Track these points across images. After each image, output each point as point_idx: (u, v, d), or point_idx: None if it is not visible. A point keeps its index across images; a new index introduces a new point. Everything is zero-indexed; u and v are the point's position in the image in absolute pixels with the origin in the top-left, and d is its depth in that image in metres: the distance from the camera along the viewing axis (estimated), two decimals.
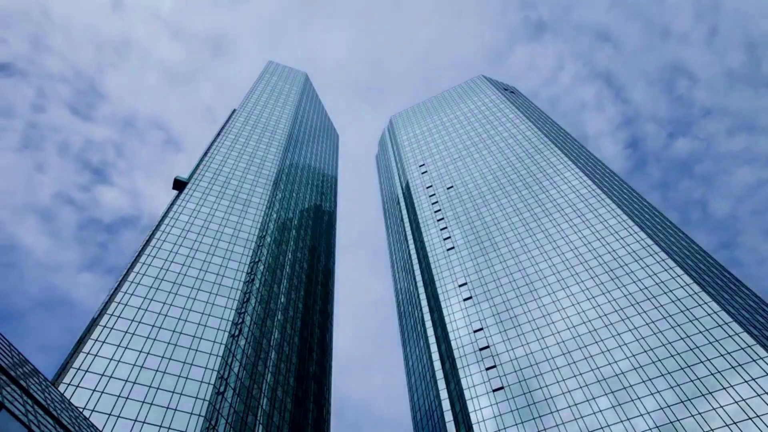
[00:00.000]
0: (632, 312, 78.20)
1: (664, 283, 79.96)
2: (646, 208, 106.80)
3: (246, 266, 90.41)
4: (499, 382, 77.81)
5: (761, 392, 60.58)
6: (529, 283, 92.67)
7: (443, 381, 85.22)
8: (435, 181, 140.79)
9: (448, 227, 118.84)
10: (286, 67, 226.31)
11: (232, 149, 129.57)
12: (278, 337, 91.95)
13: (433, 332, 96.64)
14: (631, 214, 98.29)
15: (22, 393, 27.72)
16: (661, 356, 69.98)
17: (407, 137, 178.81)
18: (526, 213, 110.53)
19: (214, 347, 71.97)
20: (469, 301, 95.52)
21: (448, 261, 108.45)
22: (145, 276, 79.24)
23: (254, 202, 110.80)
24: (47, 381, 36.70)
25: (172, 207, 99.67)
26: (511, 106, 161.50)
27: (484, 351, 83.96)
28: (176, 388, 64.06)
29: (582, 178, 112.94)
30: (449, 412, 79.42)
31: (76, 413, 38.30)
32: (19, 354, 34.66)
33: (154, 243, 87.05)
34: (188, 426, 59.88)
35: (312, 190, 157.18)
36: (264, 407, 75.69)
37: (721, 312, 71.61)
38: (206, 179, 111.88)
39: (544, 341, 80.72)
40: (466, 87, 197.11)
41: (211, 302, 79.48)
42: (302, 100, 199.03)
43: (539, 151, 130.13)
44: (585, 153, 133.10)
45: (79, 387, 59.47)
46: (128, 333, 68.94)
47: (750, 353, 64.98)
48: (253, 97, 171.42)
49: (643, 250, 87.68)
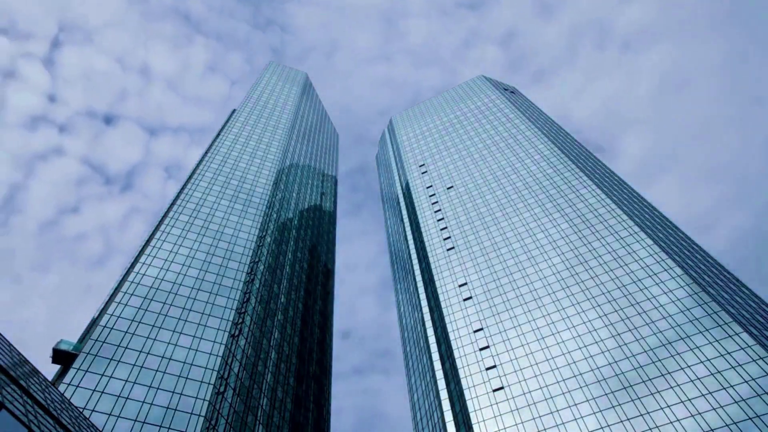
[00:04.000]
0: (632, 312, 78.20)
1: (664, 283, 79.96)
2: (646, 208, 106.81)
3: (246, 266, 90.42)
4: (499, 382, 77.82)
5: (761, 392, 60.59)
6: (529, 283, 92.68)
7: (443, 381, 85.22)
8: (435, 181, 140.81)
9: (448, 227, 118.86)
10: (286, 67, 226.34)
11: (232, 149, 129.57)
12: (278, 337, 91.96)
13: (433, 332, 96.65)
14: (631, 214, 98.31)
15: (22, 393, 27.73)
16: (661, 356, 69.98)
17: (407, 137, 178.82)
18: (526, 213, 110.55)
19: (214, 347, 71.97)
20: (469, 301, 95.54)
21: (448, 261, 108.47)
22: (146, 276, 79.26)
23: (254, 202, 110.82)
24: (47, 381, 36.71)
25: (173, 207, 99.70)
26: (511, 106, 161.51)
27: (484, 351, 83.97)
28: (176, 387, 64.06)
29: (582, 178, 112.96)
30: (449, 412, 79.42)
31: (76, 413, 38.30)
32: (19, 354, 34.67)
33: (154, 243, 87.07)
34: (188, 426, 59.89)
35: (312, 190, 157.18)
36: (264, 407, 75.70)
37: (721, 312, 71.61)
38: (206, 179, 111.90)
39: (544, 341, 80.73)
40: (466, 87, 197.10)
41: (211, 302, 79.49)
42: (302, 100, 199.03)
43: (539, 152, 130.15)
44: (585, 153, 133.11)
45: (79, 387, 59.48)
46: (128, 333, 68.95)
47: (750, 353, 64.99)
48: (253, 98, 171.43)
49: (642, 250, 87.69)
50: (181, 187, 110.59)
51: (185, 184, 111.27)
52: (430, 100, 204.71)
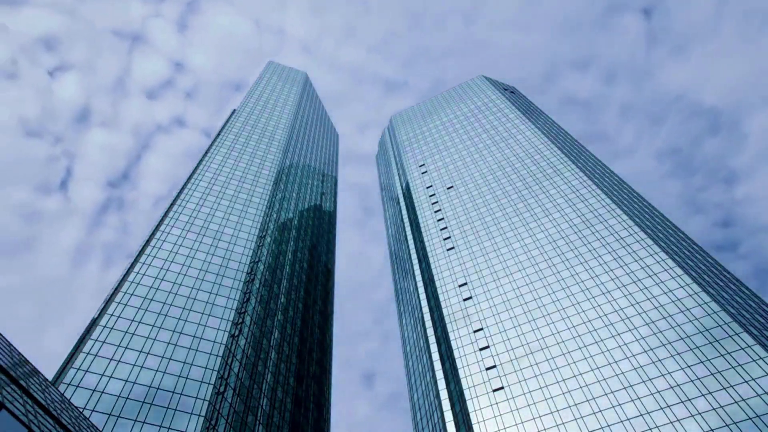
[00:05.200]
0: (632, 312, 78.21)
1: (664, 283, 79.96)
2: (646, 208, 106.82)
3: (246, 266, 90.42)
4: (499, 382, 77.82)
5: (761, 392, 60.59)
6: (529, 283, 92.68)
7: (443, 381, 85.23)
8: (435, 181, 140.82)
9: (448, 227, 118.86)
10: (286, 67, 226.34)
11: (232, 149, 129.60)
12: (278, 337, 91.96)
13: (433, 332, 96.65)
14: (631, 214, 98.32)
15: (22, 393, 27.72)
16: (661, 356, 69.99)
17: (407, 137, 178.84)
18: (526, 213, 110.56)
19: (214, 347, 71.97)
20: (469, 300, 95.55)
21: (448, 261, 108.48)
22: (146, 276, 79.25)
23: (254, 202, 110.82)
24: (47, 381, 36.70)
25: (172, 207, 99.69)
26: (511, 106, 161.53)
27: (484, 351, 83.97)
28: (176, 387, 64.06)
29: (582, 178, 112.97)
30: (449, 412, 79.43)
31: (76, 413, 38.30)
32: (19, 354, 34.66)
33: (154, 243, 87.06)
34: (188, 426, 59.89)
35: (312, 190, 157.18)
36: (264, 407, 75.70)
37: (721, 312, 71.61)
38: (206, 179, 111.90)
39: (545, 341, 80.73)
40: (466, 87, 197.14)
41: (211, 302, 79.49)
42: (302, 100, 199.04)
43: (539, 151, 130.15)
44: (585, 153, 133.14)
45: (79, 387, 59.48)
46: (128, 333, 68.94)
47: (750, 353, 64.99)
48: (253, 98, 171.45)
49: (643, 250, 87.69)
50: (182, 187, 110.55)
51: (185, 183, 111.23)
52: (430, 100, 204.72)
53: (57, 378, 62.41)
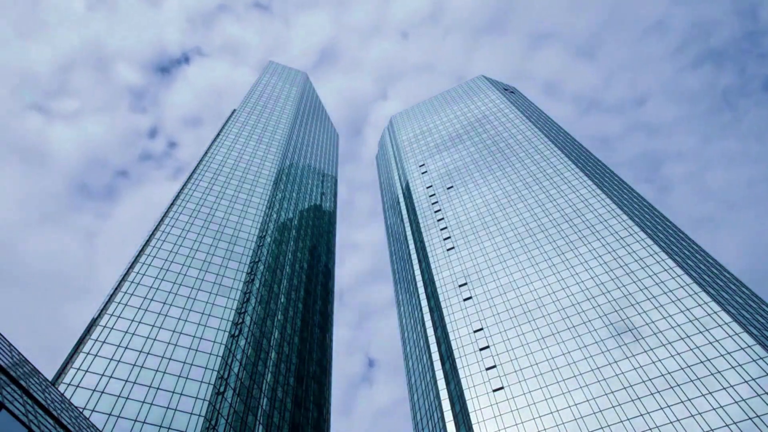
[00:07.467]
0: (632, 312, 78.21)
1: (664, 283, 79.97)
2: (647, 208, 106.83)
3: (246, 266, 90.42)
4: (499, 382, 77.81)
5: (761, 392, 60.59)
6: (529, 282, 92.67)
7: (443, 381, 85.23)
8: (435, 181, 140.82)
9: (448, 227, 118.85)
10: (286, 67, 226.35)
11: (232, 149, 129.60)
12: (278, 337, 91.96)
13: (433, 332, 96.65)
14: (631, 214, 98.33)
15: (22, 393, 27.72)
16: (661, 356, 69.99)
17: (407, 137, 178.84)
18: (526, 213, 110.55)
19: (214, 347, 71.98)
20: (469, 301, 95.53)
21: (448, 261, 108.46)
22: (145, 276, 79.26)
23: (254, 202, 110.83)
24: (47, 381, 36.70)
25: (173, 206, 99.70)
26: (511, 106, 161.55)
27: (484, 351, 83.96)
28: (176, 388, 64.06)
29: (582, 178, 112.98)
30: (449, 412, 79.43)
31: (76, 413, 38.30)
32: (19, 354, 34.66)
33: (154, 243, 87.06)
34: (188, 426, 59.90)
35: (312, 190, 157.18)
36: (264, 407, 75.70)
37: (721, 312, 71.62)
38: (206, 179, 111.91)
39: (545, 341, 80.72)
40: (466, 87, 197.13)
41: (211, 302, 79.49)
42: (302, 100, 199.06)
43: (539, 151, 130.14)
44: (585, 153, 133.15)
45: (79, 387, 59.48)
46: (128, 333, 68.95)
47: (750, 353, 65.00)
48: (253, 97, 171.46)
49: (643, 250, 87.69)
50: (181, 187, 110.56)
51: (185, 183, 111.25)
52: (430, 100, 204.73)
53: (57, 378, 62.41)
